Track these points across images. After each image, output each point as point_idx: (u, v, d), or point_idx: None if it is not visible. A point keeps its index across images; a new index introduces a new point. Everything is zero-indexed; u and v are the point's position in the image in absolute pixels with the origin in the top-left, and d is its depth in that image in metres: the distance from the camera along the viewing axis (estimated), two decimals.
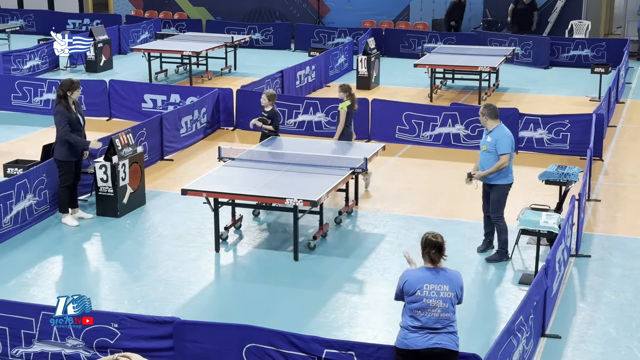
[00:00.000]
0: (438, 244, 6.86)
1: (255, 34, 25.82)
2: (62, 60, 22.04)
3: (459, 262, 10.32)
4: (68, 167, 11.40)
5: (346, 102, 12.75)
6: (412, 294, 6.76)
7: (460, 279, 6.97)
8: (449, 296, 6.80)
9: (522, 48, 23.41)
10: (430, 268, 6.87)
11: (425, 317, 6.75)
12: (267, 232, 11.51)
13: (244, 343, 7.36)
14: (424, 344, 6.73)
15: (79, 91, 11.48)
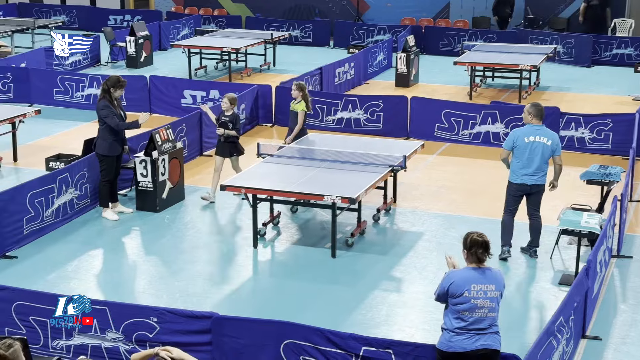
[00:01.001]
0: (485, 242, 6.80)
1: (294, 30, 25.85)
2: (103, 55, 22.26)
3: (495, 261, 10.25)
4: (109, 161, 11.51)
5: (302, 103, 12.60)
6: (460, 295, 6.69)
7: (503, 277, 6.93)
8: (495, 295, 6.75)
9: (564, 46, 23.16)
10: (475, 268, 6.80)
11: (472, 318, 6.69)
12: (305, 228, 11.52)
13: (282, 339, 7.37)
14: (471, 346, 6.68)
15: (122, 90, 11.60)
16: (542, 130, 10.08)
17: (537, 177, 10.06)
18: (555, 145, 10.07)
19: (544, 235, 10.93)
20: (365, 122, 16.18)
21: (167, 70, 20.93)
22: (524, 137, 10.05)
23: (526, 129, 10.14)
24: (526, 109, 10.23)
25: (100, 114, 11.42)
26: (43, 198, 10.97)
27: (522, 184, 10.08)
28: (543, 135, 10.04)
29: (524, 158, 10.02)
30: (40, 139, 15.40)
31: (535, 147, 10.00)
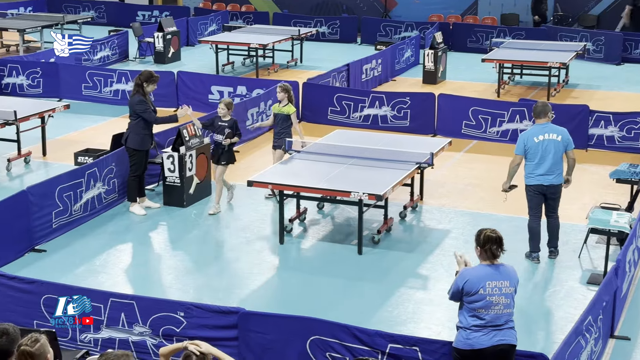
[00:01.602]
0: (498, 238, 6.76)
1: (321, 27, 25.83)
2: (131, 51, 22.39)
3: (525, 260, 10.19)
4: (140, 156, 11.59)
5: (290, 105, 12.15)
6: (475, 293, 6.65)
7: (516, 273, 6.88)
8: (510, 291, 6.72)
9: (594, 44, 22.95)
10: (489, 265, 6.76)
11: (488, 315, 6.66)
12: (331, 225, 11.52)
13: (308, 335, 7.37)
14: (489, 342, 6.65)
15: (155, 86, 11.71)
16: (549, 127, 9.95)
17: (553, 177, 9.90)
18: (567, 139, 9.95)
19: (572, 234, 10.86)
20: (392, 119, 16.13)
21: (195, 66, 21.01)
22: (533, 138, 9.89)
23: (533, 129, 10.00)
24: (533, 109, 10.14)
25: (135, 109, 11.49)
26: (72, 192, 11.05)
27: (539, 184, 9.94)
28: (552, 132, 9.92)
29: (537, 158, 9.86)
30: (69, 133, 15.52)
31: (546, 145, 9.85)
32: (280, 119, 12.15)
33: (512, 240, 10.83)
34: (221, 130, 11.53)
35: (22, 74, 17.95)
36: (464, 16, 26.93)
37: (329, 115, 16.44)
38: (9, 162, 13.43)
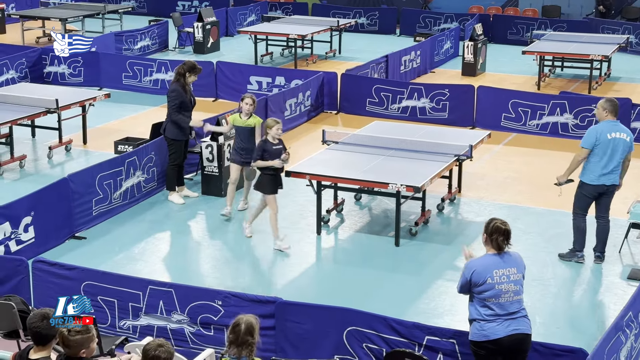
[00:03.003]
0: (507, 231, 6.71)
1: (360, 18, 25.76)
2: (171, 41, 22.52)
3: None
4: (178, 145, 11.66)
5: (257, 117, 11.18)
6: (483, 283, 6.62)
7: (522, 258, 6.84)
8: (518, 278, 6.68)
9: (636, 36, 22.62)
10: (495, 254, 6.73)
11: (499, 304, 6.62)
12: (369, 216, 11.50)
13: (345, 326, 7.38)
14: (504, 332, 6.60)
15: (196, 77, 11.78)
16: (619, 126, 9.68)
17: (615, 176, 9.65)
18: (632, 141, 9.71)
19: (613, 229, 10.68)
20: (431, 111, 16.06)
21: (234, 57, 21.07)
22: (606, 134, 9.55)
23: (606, 125, 9.60)
24: (600, 104, 9.73)
25: (168, 96, 11.61)
26: (112, 180, 11.16)
27: (601, 184, 9.63)
28: (622, 131, 9.65)
29: (606, 156, 9.56)
30: (109, 122, 15.66)
31: (617, 143, 9.57)
32: (247, 134, 10.99)
33: (552, 234, 10.75)
34: (278, 154, 10.17)
35: (63, 62, 18.15)
36: (504, 8, 26.69)
37: (367, 106, 16.40)
38: (50, 150, 13.60)
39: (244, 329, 5.70)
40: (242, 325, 5.71)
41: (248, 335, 5.69)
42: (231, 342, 5.74)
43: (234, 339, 5.72)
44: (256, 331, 5.75)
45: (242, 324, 5.72)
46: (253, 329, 5.72)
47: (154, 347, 5.39)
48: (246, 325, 5.71)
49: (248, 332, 5.69)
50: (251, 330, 5.70)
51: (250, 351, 5.71)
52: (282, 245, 10.25)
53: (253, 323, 5.75)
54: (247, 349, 5.70)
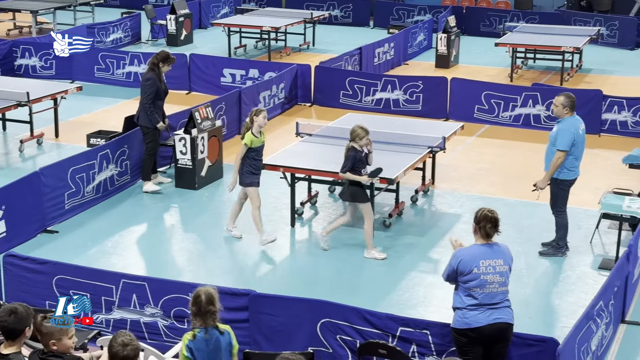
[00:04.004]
0: (495, 219, 6.79)
1: (334, 10, 25.74)
2: (144, 33, 22.38)
3: (537, 245, 10.17)
4: (154, 133, 11.72)
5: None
6: (469, 272, 6.68)
7: (509, 251, 6.91)
8: (504, 270, 6.74)
9: (608, 28, 22.80)
10: (482, 244, 6.80)
11: (483, 294, 6.69)
12: (343, 208, 11.50)
13: (319, 318, 7.39)
14: (486, 320, 6.67)
15: (169, 67, 11.83)
16: (580, 119, 9.74)
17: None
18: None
19: (585, 219, 10.84)
20: (405, 103, 16.09)
21: (207, 49, 20.98)
22: (578, 130, 9.59)
23: (573, 121, 9.58)
24: (560, 102, 9.59)
25: (143, 85, 11.66)
26: (84, 174, 11.09)
27: (576, 177, 9.72)
28: (582, 123, 9.77)
29: (579, 151, 9.60)
30: (82, 115, 15.55)
31: (584, 135, 9.69)
32: (262, 151, 10.17)
33: (525, 225, 10.83)
34: (367, 161, 9.81)
35: (34, 55, 17.99)
36: (477, 0, 26.76)
37: (341, 98, 16.41)
38: (21, 144, 13.48)
39: (205, 299, 5.96)
40: (203, 296, 5.97)
41: (210, 305, 5.96)
42: (195, 315, 6.00)
43: (197, 311, 5.99)
44: (216, 300, 6.01)
45: (202, 294, 5.98)
46: (213, 298, 5.99)
47: (121, 348, 5.40)
48: (206, 296, 5.97)
49: (209, 302, 5.96)
50: (212, 299, 5.98)
51: (214, 319, 6.00)
52: (376, 255, 9.84)
53: (212, 293, 6.02)
54: (211, 318, 5.99)
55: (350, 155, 9.60)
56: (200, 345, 5.96)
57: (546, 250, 10.02)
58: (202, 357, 5.97)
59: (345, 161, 9.63)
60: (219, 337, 6.01)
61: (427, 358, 7.15)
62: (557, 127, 9.65)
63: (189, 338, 5.98)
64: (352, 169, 9.59)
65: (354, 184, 9.70)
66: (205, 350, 5.96)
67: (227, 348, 6.04)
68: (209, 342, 5.97)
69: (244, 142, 9.90)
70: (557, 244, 9.99)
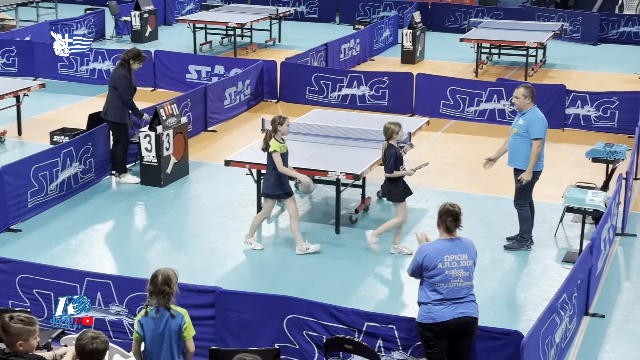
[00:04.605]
0: (455, 212, 6.84)
1: (300, 6, 25.72)
2: (108, 30, 22.20)
3: (502, 239, 10.25)
4: (123, 128, 11.77)
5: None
6: (433, 267, 6.72)
7: (474, 245, 6.96)
8: (468, 264, 6.79)
9: (571, 24, 23.02)
10: (446, 239, 6.84)
11: (448, 289, 6.73)
12: (309, 204, 11.52)
13: (285, 314, 7.39)
14: (450, 315, 6.71)
15: (140, 65, 11.92)
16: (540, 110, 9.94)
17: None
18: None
19: (549, 213, 10.94)
20: (370, 99, 16.12)
21: (172, 45, 20.87)
22: (545, 120, 9.76)
23: (538, 111, 9.72)
24: (521, 93, 9.66)
25: (116, 83, 11.64)
26: (47, 172, 10.97)
27: (542, 169, 9.84)
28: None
29: (544, 140, 9.75)
30: (45, 112, 15.39)
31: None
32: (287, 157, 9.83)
33: (491, 219, 10.91)
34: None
35: None
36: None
37: (307, 94, 16.41)
38: None
39: (161, 279, 6.20)
40: (160, 277, 6.21)
41: (165, 285, 6.19)
42: (151, 293, 6.25)
43: (152, 290, 6.23)
44: (173, 282, 6.23)
45: (160, 275, 6.23)
46: (170, 279, 6.21)
47: (89, 340, 5.37)
48: (163, 277, 6.21)
49: (165, 283, 6.19)
50: (168, 280, 6.20)
51: (167, 300, 6.21)
52: (403, 250, 9.85)
53: (170, 274, 6.25)
54: (164, 299, 6.21)
55: (392, 152, 9.60)
56: (150, 323, 6.22)
57: (511, 244, 10.10)
58: (150, 335, 6.22)
59: (388, 161, 9.59)
60: (169, 319, 6.21)
61: (393, 353, 7.18)
62: (524, 118, 9.72)
63: (142, 314, 6.26)
64: (395, 167, 9.57)
65: (396, 182, 9.68)
66: (153, 328, 6.21)
67: (177, 331, 6.21)
68: (158, 322, 6.20)
69: (272, 150, 9.53)
70: (521, 237, 10.07)
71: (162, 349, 6.24)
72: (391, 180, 9.67)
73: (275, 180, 9.66)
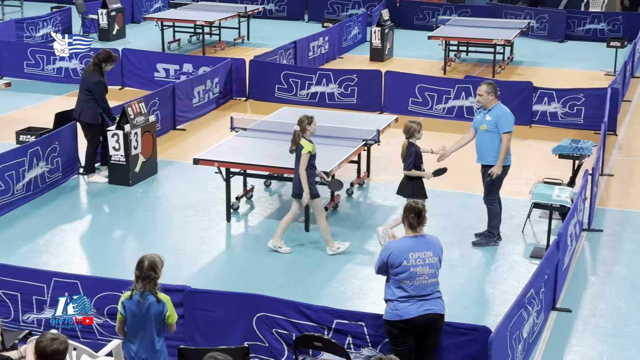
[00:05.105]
0: (418, 209, 6.87)
1: (268, 4, 25.67)
2: (74, 28, 22.00)
3: (470, 235, 10.31)
4: (96, 129, 11.76)
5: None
6: (399, 265, 6.76)
7: (440, 242, 6.99)
8: (433, 261, 6.83)
9: (538, 21, 23.20)
10: (412, 236, 6.88)
11: (413, 286, 6.76)
12: (279, 202, 11.51)
13: (254, 312, 7.38)
14: (416, 312, 6.74)
15: (112, 65, 11.99)
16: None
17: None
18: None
19: (516, 209, 11.03)
20: (339, 96, 16.14)
21: (140, 44, 20.73)
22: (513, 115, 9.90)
23: (504, 106, 9.86)
24: (485, 90, 9.77)
25: (93, 88, 11.67)
26: (14, 171, 10.87)
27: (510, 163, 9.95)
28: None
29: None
30: (11, 112, 15.23)
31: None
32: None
33: (459, 216, 10.97)
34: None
35: None
36: None
37: (276, 92, 16.38)
38: None
39: (147, 265, 6.41)
40: (146, 262, 6.42)
41: (151, 271, 6.40)
42: (137, 278, 6.45)
43: (139, 275, 6.43)
44: (159, 268, 6.45)
45: (146, 260, 6.43)
46: (156, 265, 6.43)
47: (49, 342, 5.36)
48: (149, 262, 6.42)
49: (151, 268, 6.40)
50: (154, 266, 6.42)
51: (153, 285, 6.42)
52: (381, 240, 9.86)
53: (156, 260, 6.46)
54: (150, 284, 6.41)
55: (412, 151, 9.62)
56: (133, 307, 6.42)
57: (479, 240, 10.16)
58: (132, 317, 6.44)
59: (408, 158, 9.62)
60: (152, 304, 6.41)
61: (362, 349, 7.20)
62: (492, 114, 9.81)
63: (126, 296, 6.46)
64: (415, 165, 9.60)
65: (413, 180, 9.70)
66: (136, 312, 6.41)
67: (158, 316, 6.43)
68: (142, 306, 6.40)
69: (306, 151, 9.53)
70: (489, 232, 10.15)
71: (142, 331, 6.46)
72: (411, 179, 9.73)
73: (311, 180, 9.65)
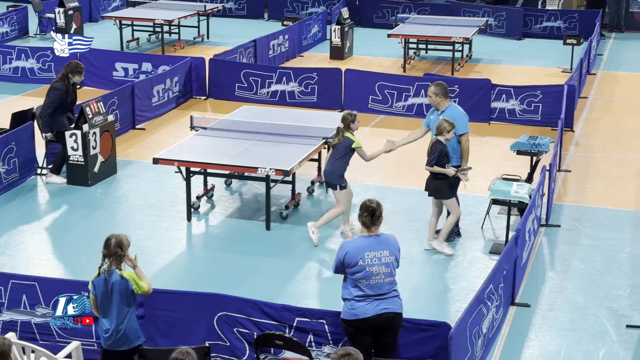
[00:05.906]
0: (372, 208, 6.87)
1: (228, 2, 25.58)
2: (31, 27, 21.75)
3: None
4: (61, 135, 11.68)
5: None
6: (355, 264, 6.78)
7: (396, 241, 7.02)
8: (390, 261, 6.85)
9: (495, 19, 23.42)
10: (367, 236, 6.89)
11: (369, 285, 6.79)
12: (239, 201, 11.49)
13: (215, 311, 7.37)
14: (373, 311, 6.77)
15: (81, 77, 11.88)
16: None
17: None
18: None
19: (476, 206, 11.13)
20: (300, 95, 16.16)
21: (99, 43, 20.45)
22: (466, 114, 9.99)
23: (456, 107, 9.97)
24: (433, 91, 9.86)
25: (48, 93, 11.65)
26: None
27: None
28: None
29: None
30: None
31: None
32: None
33: (418, 213, 11.03)
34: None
35: None
36: None
37: (236, 91, 16.35)
38: None
39: (114, 242, 6.72)
40: (113, 240, 6.74)
41: (117, 248, 6.70)
42: (104, 256, 6.74)
43: (106, 253, 6.73)
44: (125, 246, 6.75)
45: (113, 238, 6.75)
46: (122, 243, 6.73)
47: None
48: (116, 240, 6.73)
49: (117, 245, 6.70)
50: (120, 244, 6.72)
51: (119, 262, 6.72)
52: (446, 250, 9.85)
53: (122, 238, 6.77)
54: (116, 261, 6.71)
55: (437, 148, 9.57)
56: (100, 284, 6.72)
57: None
58: (100, 294, 6.74)
59: (432, 154, 9.60)
60: (117, 281, 6.68)
61: (324, 347, 7.23)
62: (445, 116, 9.83)
63: (95, 275, 6.77)
64: (437, 162, 9.57)
65: (438, 178, 9.68)
66: (102, 289, 6.71)
67: (125, 292, 6.70)
68: (107, 282, 6.69)
69: (357, 146, 10.09)
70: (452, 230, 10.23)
71: (111, 306, 6.73)
72: (435, 177, 9.71)
73: (344, 172, 10.09)
